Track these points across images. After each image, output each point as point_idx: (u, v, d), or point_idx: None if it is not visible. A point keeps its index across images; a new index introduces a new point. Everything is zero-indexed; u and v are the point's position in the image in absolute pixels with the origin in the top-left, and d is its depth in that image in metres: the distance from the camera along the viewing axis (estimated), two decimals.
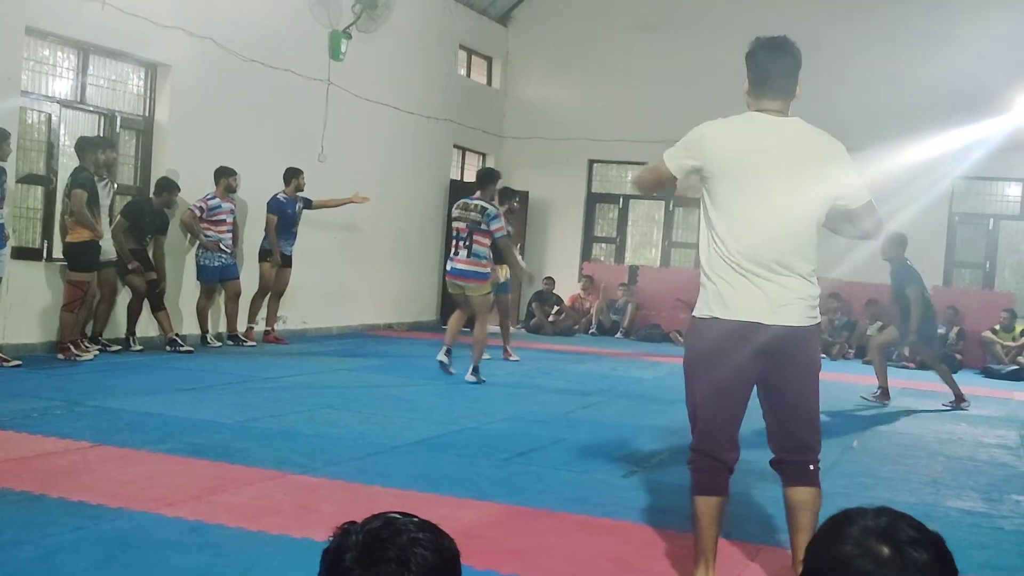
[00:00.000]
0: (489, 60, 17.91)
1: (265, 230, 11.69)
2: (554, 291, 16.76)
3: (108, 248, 9.63)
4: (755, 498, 5.31)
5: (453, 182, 16.52)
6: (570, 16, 17.41)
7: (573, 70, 17.41)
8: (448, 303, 16.30)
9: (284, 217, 11.74)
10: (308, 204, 12.01)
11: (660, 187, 3.98)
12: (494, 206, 9.52)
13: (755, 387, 3.73)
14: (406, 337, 13.38)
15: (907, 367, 14.15)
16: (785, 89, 3.71)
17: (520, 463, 6.05)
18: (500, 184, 10.44)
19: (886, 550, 1.54)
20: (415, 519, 1.63)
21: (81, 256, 9.16)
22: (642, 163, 16.04)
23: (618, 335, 16.32)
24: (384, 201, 12.90)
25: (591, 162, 17.72)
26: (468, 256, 9.36)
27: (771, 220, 3.58)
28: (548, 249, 17.72)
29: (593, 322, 16.58)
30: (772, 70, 3.71)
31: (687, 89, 15.52)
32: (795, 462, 3.71)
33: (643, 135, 15.88)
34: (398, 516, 1.63)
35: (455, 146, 16.81)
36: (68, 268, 9.23)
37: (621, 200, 17.80)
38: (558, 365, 11.83)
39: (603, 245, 18.10)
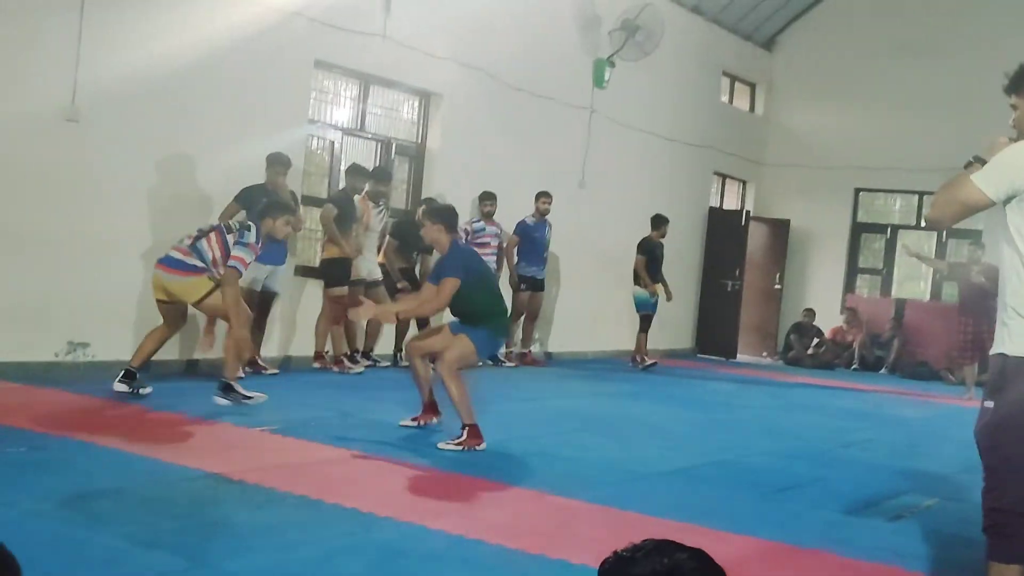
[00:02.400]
0: (752, 86, 17.66)
1: (505, 252, 11.87)
2: (814, 323, 16.28)
3: (373, 268, 10.10)
4: None
5: (712, 209, 16.37)
6: (836, 40, 16.92)
7: (839, 96, 16.91)
8: (705, 330, 16.15)
9: (530, 241, 11.89)
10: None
11: (966, 216, 3.47)
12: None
13: None
14: (661, 364, 13.32)
15: None
16: None
17: (778, 499, 5.90)
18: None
19: None
20: (687, 546, 1.66)
21: (331, 272, 9.66)
22: (912, 192, 15.07)
23: (882, 371, 15.65)
24: (643, 227, 12.93)
25: (857, 191, 17.11)
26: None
27: None
28: (809, 280, 17.24)
29: (855, 357, 15.97)
30: None
31: (960, 116, 14.69)
32: None
33: (914, 163, 15.22)
34: (674, 543, 1.67)
35: (715, 173, 16.66)
36: (324, 284, 9.78)
37: (888, 230, 17.09)
38: (817, 400, 11.48)
39: (867, 277, 17.41)
